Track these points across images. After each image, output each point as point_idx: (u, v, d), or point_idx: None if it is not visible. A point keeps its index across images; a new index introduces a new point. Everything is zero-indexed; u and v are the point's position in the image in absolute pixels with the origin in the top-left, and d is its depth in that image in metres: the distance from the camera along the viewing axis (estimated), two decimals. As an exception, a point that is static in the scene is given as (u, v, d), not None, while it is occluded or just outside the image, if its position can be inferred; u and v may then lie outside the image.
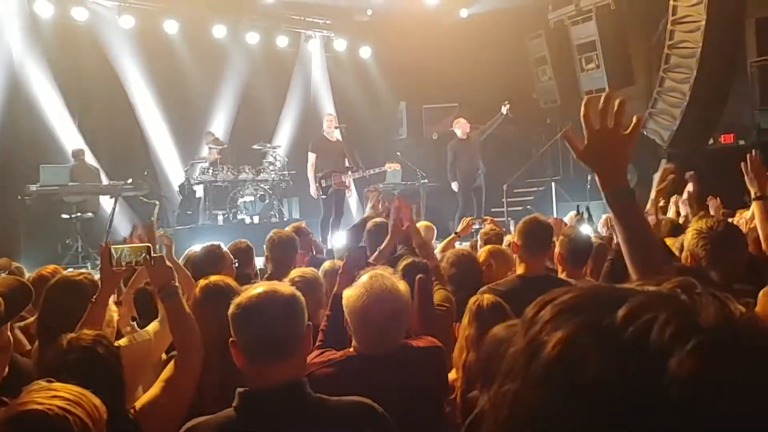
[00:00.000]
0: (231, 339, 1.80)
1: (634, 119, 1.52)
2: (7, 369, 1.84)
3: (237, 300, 1.84)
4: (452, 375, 2.52)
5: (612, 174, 1.51)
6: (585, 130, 1.51)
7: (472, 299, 2.66)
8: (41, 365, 1.99)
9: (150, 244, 2.48)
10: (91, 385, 1.52)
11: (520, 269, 3.25)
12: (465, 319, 2.61)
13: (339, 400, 1.82)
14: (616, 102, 1.51)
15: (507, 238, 5.18)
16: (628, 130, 1.51)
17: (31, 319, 3.37)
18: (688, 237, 2.70)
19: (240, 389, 1.76)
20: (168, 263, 2.41)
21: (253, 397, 1.75)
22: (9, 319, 1.81)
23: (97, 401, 1.45)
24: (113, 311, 2.60)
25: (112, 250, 2.48)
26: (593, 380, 0.50)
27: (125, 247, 2.51)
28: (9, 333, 1.79)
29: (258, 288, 1.87)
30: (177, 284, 2.30)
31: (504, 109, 10.21)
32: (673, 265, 2.51)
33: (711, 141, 10.51)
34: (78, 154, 9.75)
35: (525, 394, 0.54)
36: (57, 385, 1.45)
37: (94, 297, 2.40)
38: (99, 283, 2.56)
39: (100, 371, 1.81)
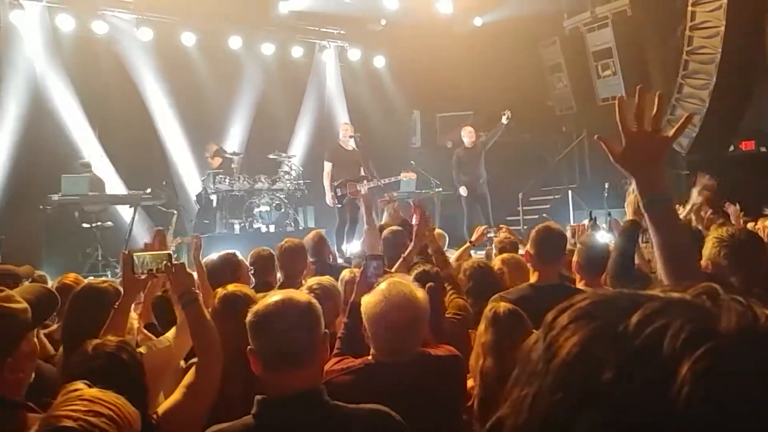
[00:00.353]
0: (249, 347, 1.82)
1: (684, 118, 1.48)
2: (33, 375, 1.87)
3: (254, 308, 1.85)
4: (469, 383, 2.51)
5: (651, 178, 1.47)
6: (622, 133, 1.47)
7: (488, 306, 2.65)
8: (66, 371, 2.01)
9: (171, 252, 2.51)
10: (115, 391, 1.54)
11: (532, 278, 3.23)
12: (481, 327, 2.60)
13: (356, 408, 1.83)
14: (656, 100, 1.47)
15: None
16: (673, 131, 1.47)
17: (55, 326, 3.42)
18: (708, 245, 2.67)
19: (258, 397, 1.77)
20: (189, 270, 2.44)
21: (271, 404, 1.76)
22: (36, 325, 1.84)
23: (132, 413, 1.44)
24: (134, 319, 2.63)
25: (134, 258, 2.51)
26: (606, 385, 0.50)
27: (147, 254, 2.54)
28: (35, 339, 1.82)
29: (275, 296, 1.88)
30: (197, 291, 2.32)
31: (504, 119, 10.21)
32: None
33: (731, 148, 10.41)
34: (85, 167, 9.83)
35: (542, 398, 0.54)
36: (95, 393, 1.43)
37: (117, 304, 2.43)
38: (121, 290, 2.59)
39: (124, 377, 1.83)
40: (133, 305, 2.69)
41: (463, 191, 10.36)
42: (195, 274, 3.20)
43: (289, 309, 1.82)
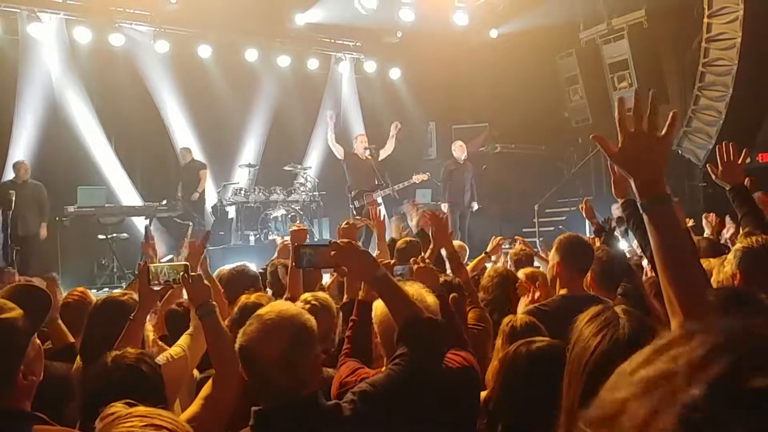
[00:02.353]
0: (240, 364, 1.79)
1: (669, 117, 1.46)
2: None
3: (240, 335, 1.77)
4: (484, 394, 2.45)
5: (649, 179, 1.43)
6: (619, 133, 1.45)
7: (506, 320, 2.61)
8: (86, 383, 2.00)
9: (188, 263, 2.50)
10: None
11: (562, 290, 3.12)
12: (498, 341, 2.56)
13: (353, 409, 1.81)
14: (650, 101, 1.45)
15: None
16: (663, 131, 1.44)
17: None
18: (730, 256, 2.61)
19: (254, 408, 1.76)
20: (206, 282, 2.42)
21: (267, 415, 1.74)
22: (36, 328, 1.82)
23: (189, 430, 1.41)
24: (149, 330, 2.62)
25: (152, 268, 2.50)
26: None
27: (165, 265, 2.54)
28: (38, 341, 1.81)
29: (265, 316, 1.78)
30: (215, 302, 2.31)
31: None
32: (711, 287, 2.40)
33: (748, 160, 10.29)
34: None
35: None
36: (149, 410, 1.36)
37: (132, 315, 2.42)
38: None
39: (144, 389, 1.81)
40: (148, 317, 2.68)
41: (444, 207, 10.28)
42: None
43: (274, 339, 1.72)
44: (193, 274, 2.41)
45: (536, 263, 5.47)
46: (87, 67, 10.55)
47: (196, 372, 2.77)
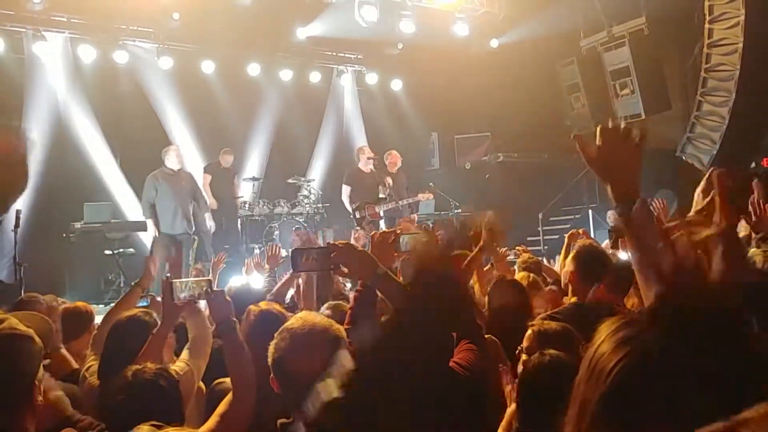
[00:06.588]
0: (271, 376, 1.78)
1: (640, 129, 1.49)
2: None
3: (272, 349, 1.76)
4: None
5: (625, 185, 1.47)
6: (599, 139, 1.49)
7: (533, 327, 2.57)
8: (105, 398, 2.00)
9: (211, 278, 2.51)
10: (155, 417, 1.52)
11: (573, 298, 3.12)
12: (526, 344, 2.53)
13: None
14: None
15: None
16: (639, 137, 1.47)
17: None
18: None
19: (282, 421, 1.73)
20: (227, 298, 2.42)
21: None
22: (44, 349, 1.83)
23: None
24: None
25: (176, 284, 2.50)
26: None
27: (190, 280, 2.54)
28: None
29: (297, 333, 1.76)
30: (235, 319, 2.31)
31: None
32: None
33: (753, 164, 10.29)
34: None
35: None
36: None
37: (155, 330, 2.41)
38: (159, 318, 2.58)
39: (163, 404, 1.81)
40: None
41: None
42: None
43: (314, 353, 1.71)
44: (216, 289, 2.41)
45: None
46: (92, 84, 10.62)
47: (201, 385, 2.76)
